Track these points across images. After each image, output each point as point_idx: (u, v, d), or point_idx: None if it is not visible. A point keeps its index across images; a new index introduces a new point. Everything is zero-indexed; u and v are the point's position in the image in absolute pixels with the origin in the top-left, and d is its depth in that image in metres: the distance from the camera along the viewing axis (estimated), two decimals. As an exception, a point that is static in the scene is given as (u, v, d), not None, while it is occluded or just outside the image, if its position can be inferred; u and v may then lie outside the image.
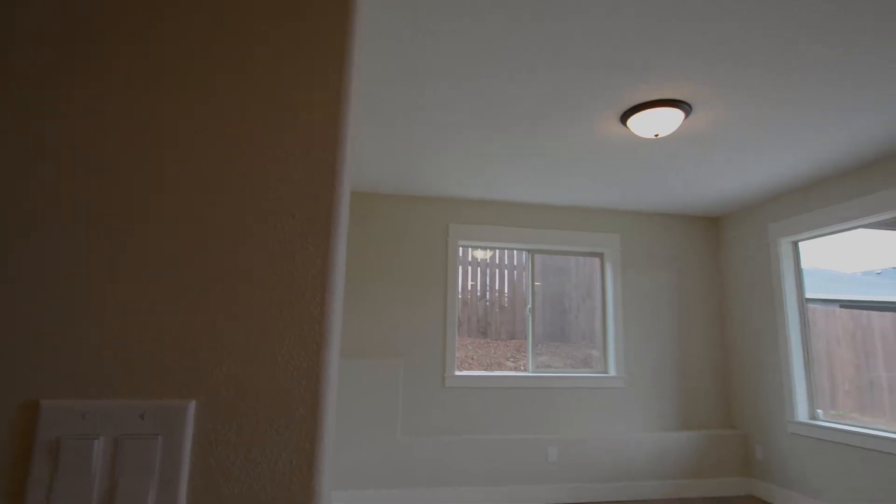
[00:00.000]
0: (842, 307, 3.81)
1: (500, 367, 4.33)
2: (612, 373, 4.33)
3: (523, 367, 4.34)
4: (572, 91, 2.48)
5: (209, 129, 0.49)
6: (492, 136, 3.03)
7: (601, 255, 4.60)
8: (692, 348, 4.51)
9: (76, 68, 0.48)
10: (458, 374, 4.10)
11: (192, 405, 0.45)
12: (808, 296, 3.92)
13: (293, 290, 0.48)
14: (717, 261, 4.71)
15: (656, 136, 2.72)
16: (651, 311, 4.50)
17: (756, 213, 4.29)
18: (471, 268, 4.50)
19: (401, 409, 3.93)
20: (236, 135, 0.50)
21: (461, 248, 4.44)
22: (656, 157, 3.33)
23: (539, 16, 1.91)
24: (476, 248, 4.48)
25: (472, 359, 4.34)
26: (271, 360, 0.47)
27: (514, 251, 4.57)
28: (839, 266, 3.91)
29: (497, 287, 4.52)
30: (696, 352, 4.51)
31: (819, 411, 3.77)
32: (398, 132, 3.01)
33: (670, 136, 2.98)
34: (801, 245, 4.00)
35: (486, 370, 4.29)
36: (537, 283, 4.49)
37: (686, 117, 2.67)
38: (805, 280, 3.95)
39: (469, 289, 4.46)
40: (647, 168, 3.53)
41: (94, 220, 0.46)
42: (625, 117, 2.71)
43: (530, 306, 4.42)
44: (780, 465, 3.92)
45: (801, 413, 3.80)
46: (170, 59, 0.50)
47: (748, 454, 4.23)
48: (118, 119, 0.48)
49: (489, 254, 4.55)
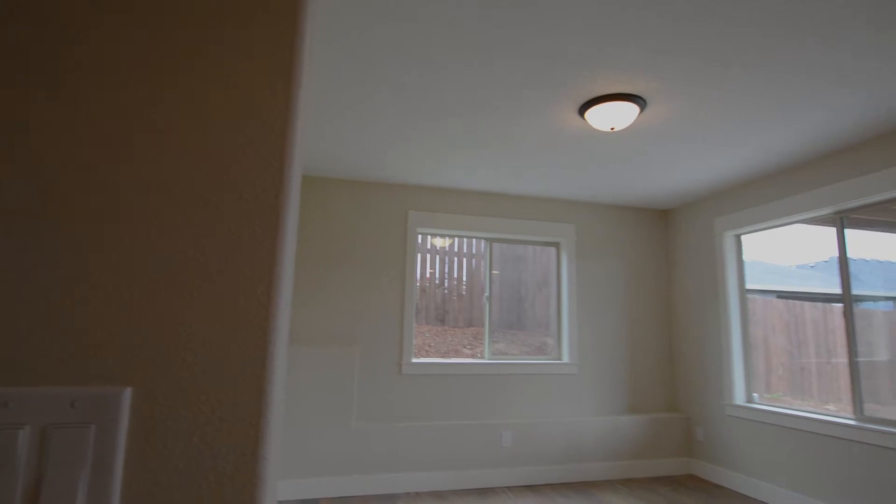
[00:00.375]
0: (778, 297, 4.04)
1: (458, 354, 4.37)
2: (566, 360, 4.45)
3: (480, 355, 4.39)
4: (530, 81, 2.50)
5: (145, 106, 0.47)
6: (450, 124, 3.02)
7: (557, 245, 4.70)
8: (641, 335, 4.69)
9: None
10: (414, 361, 4.11)
11: (128, 392, 0.43)
12: (748, 286, 4.14)
13: (239, 275, 0.47)
14: (667, 252, 4.89)
15: (612, 129, 2.78)
16: (604, 300, 4.64)
17: (703, 206, 4.47)
18: (429, 255, 4.50)
19: (356, 397, 3.91)
20: (180, 118, 0.47)
21: (420, 236, 4.43)
22: (612, 151, 3.42)
23: (495, 2, 1.91)
24: (435, 235, 4.48)
25: (430, 346, 4.35)
26: (215, 346, 0.45)
27: (473, 239, 4.60)
28: (777, 259, 4.15)
29: (455, 275, 4.55)
30: (644, 339, 4.69)
31: (755, 395, 4.00)
32: (355, 118, 2.96)
33: (626, 130, 3.06)
34: (743, 238, 4.21)
35: (443, 357, 4.32)
36: (495, 272, 4.54)
37: (641, 112, 2.74)
38: (746, 271, 4.17)
39: (427, 276, 4.47)
40: (603, 160, 3.61)
41: (26, 209, 0.43)
42: (583, 110, 2.75)
43: (488, 294, 4.47)
44: (720, 446, 4.15)
45: (739, 396, 4.03)
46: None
47: (690, 436, 4.46)
48: (50, 112, 0.45)
49: (448, 242, 4.56)
